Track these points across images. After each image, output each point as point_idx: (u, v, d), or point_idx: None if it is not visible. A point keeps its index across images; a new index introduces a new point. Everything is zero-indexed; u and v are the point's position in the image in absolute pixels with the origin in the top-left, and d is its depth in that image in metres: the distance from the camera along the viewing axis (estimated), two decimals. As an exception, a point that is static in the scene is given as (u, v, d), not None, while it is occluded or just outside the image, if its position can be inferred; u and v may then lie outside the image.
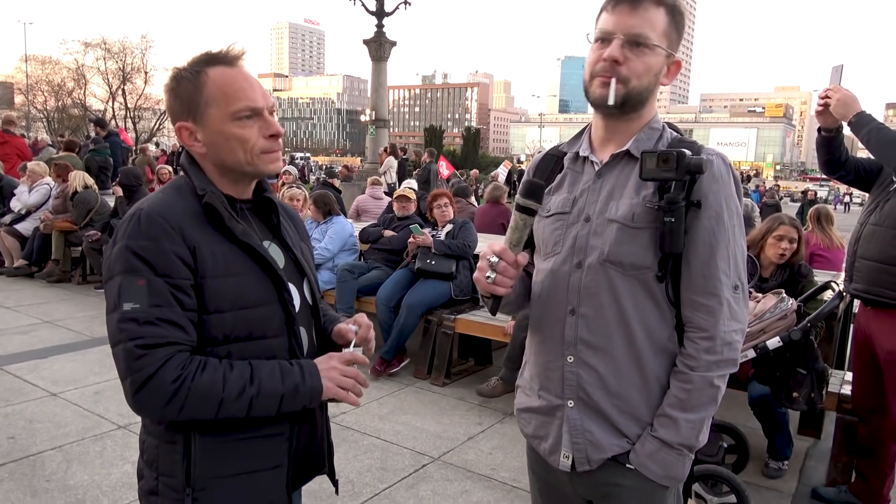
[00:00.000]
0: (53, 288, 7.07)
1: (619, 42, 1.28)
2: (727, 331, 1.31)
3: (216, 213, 1.27)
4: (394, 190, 8.73)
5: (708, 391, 1.32)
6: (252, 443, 1.30)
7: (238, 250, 1.28)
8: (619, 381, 1.35)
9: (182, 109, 1.29)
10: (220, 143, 1.28)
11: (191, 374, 1.18)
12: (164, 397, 1.17)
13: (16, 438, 3.41)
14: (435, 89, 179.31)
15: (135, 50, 33.04)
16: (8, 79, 40.18)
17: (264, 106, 1.30)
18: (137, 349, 1.16)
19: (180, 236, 1.21)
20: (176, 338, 1.19)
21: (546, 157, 1.51)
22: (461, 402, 4.26)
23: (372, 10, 13.91)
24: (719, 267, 1.30)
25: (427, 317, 4.75)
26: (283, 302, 1.33)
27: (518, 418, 1.56)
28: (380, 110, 14.90)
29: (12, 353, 4.77)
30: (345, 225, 5.64)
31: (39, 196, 7.84)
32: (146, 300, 1.17)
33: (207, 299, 1.23)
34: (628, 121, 1.37)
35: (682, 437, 1.32)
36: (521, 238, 1.30)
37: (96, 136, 12.04)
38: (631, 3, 1.29)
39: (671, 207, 1.25)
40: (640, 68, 1.29)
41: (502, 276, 1.31)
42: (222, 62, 1.29)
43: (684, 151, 1.25)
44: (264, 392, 1.24)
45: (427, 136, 69.56)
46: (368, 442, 3.57)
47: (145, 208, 1.23)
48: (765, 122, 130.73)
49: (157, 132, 33.86)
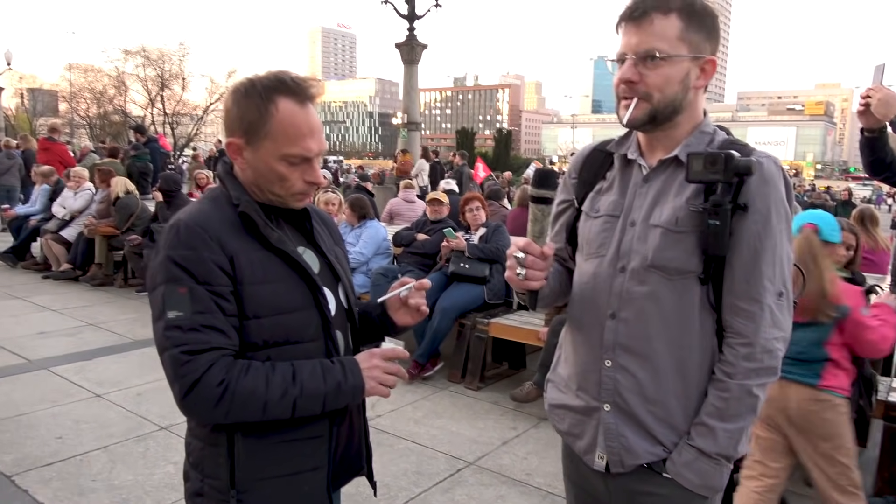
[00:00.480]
0: (97, 291, 7.27)
1: (632, 62, 1.29)
2: (768, 338, 1.29)
3: (252, 221, 1.30)
4: (426, 193, 8.77)
5: (746, 400, 1.29)
6: (293, 445, 1.33)
7: (274, 257, 1.31)
8: (658, 388, 1.33)
9: (239, 127, 1.31)
10: (263, 171, 1.32)
11: (235, 378, 1.21)
12: (210, 401, 1.20)
13: (63, 438, 3.52)
14: (466, 91, 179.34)
15: (173, 57, 33.80)
16: (53, 87, 41.47)
17: (316, 153, 1.33)
18: (183, 355, 1.19)
19: (218, 245, 1.25)
20: (219, 343, 1.22)
21: (594, 153, 1.50)
22: (495, 406, 4.25)
23: (403, 13, 14.00)
24: (764, 272, 1.28)
25: (461, 320, 4.75)
26: (319, 307, 1.36)
27: (550, 413, 1.56)
28: (412, 113, 14.97)
29: (60, 355, 4.92)
30: (378, 229, 5.68)
31: (83, 201, 8.08)
32: (189, 307, 1.21)
33: (246, 306, 1.27)
34: (668, 129, 1.35)
35: (719, 447, 1.30)
36: (542, 229, 1.32)
37: (136, 143, 12.35)
38: (635, 20, 1.29)
39: (716, 210, 1.24)
40: (658, 81, 1.28)
41: (532, 270, 1.32)
42: (295, 96, 1.30)
43: (732, 153, 1.23)
44: (307, 392, 1.26)
45: (458, 139, 69.56)
46: (404, 446, 3.59)
47: (184, 219, 1.27)
48: (804, 121, 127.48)
49: (195, 137, 34.55)
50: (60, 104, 41.12)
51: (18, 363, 4.72)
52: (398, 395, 4.30)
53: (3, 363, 4.71)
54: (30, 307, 6.38)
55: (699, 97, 1.36)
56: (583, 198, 1.48)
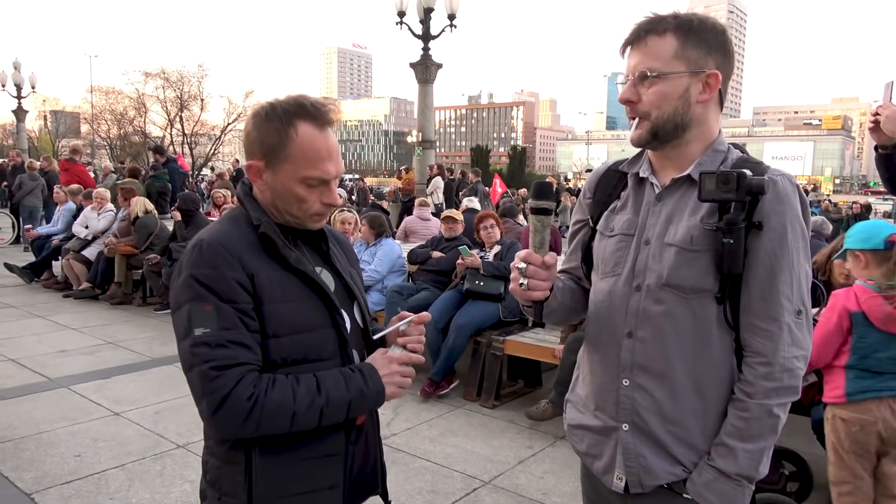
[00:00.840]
0: (116, 310, 7.35)
1: (630, 83, 1.33)
2: (787, 357, 1.27)
3: (271, 242, 1.33)
4: (441, 211, 8.80)
5: (767, 420, 1.28)
6: (311, 463, 1.34)
7: (292, 277, 1.34)
8: (676, 408, 1.32)
9: (259, 149, 1.34)
10: (282, 193, 1.35)
11: (263, 391, 1.23)
12: (240, 415, 1.22)
13: (82, 456, 3.55)
14: (481, 109, 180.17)
15: (192, 79, 34.43)
16: (76, 109, 42.35)
17: (334, 176, 1.36)
18: (212, 371, 1.21)
19: (239, 264, 1.27)
20: (246, 358, 1.24)
21: (608, 173, 1.52)
22: (511, 424, 4.23)
23: (418, 33, 14.14)
24: (781, 290, 1.27)
25: (476, 338, 4.74)
26: (337, 326, 1.38)
27: (569, 434, 1.55)
28: (426, 131, 15.07)
29: (79, 374, 4.97)
30: (393, 246, 5.70)
31: (106, 221, 8.22)
32: (215, 324, 1.23)
33: (267, 325, 1.29)
34: (676, 147, 1.36)
35: (739, 468, 1.28)
36: (543, 240, 1.34)
37: (155, 163, 12.57)
38: (631, 45, 1.34)
39: (730, 228, 1.24)
40: (653, 99, 1.31)
41: (535, 280, 1.34)
42: (315, 120, 1.33)
43: (745, 172, 1.23)
44: (333, 401, 1.28)
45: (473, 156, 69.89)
46: (419, 464, 3.58)
47: (206, 239, 1.30)
48: (822, 135, 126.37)
49: (213, 157, 35.03)
50: (82, 125, 41.97)
51: (39, 381, 4.77)
52: (413, 414, 4.29)
53: (25, 381, 4.77)
54: (51, 326, 6.47)
55: (709, 112, 1.35)
56: (597, 217, 1.49)
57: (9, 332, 6.11)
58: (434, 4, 13.76)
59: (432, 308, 4.90)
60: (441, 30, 14.14)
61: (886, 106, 2.53)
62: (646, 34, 1.31)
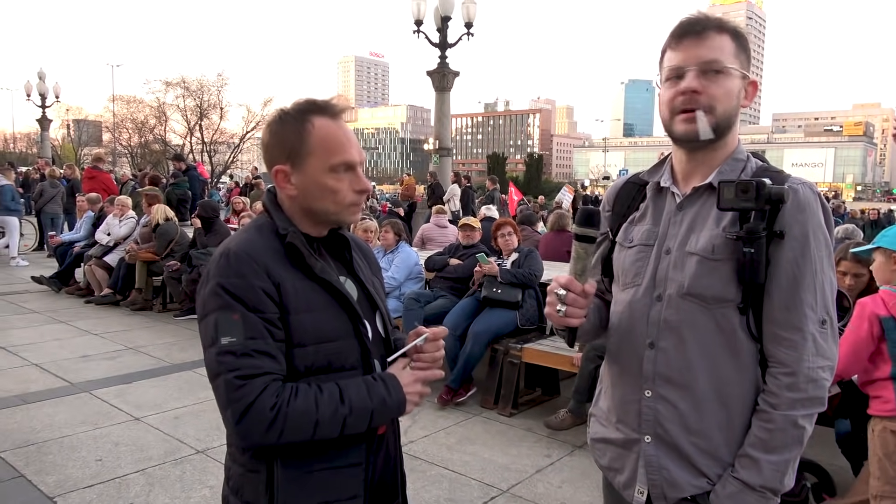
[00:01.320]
0: (136, 315, 7.44)
1: (694, 72, 1.28)
2: (812, 367, 1.25)
3: (297, 251, 1.33)
4: (458, 218, 8.81)
5: (791, 432, 1.26)
6: (331, 472, 1.34)
7: (317, 286, 1.34)
8: (700, 419, 1.31)
9: (282, 153, 1.36)
10: (314, 190, 1.35)
11: (286, 401, 1.24)
12: (264, 424, 1.22)
13: (103, 461, 3.59)
14: (497, 116, 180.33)
15: (211, 87, 34.79)
16: (98, 118, 43.02)
17: (359, 161, 1.37)
18: (237, 380, 1.22)
19: (266, 273, 1.28)
20: (271, 368, 1.25)
21: (627, 186, 1.51)
22: (529, 433, 4.21)
23: (435, 41, 14.21)
24: (804, 300, 1.25)
25: (493, 346, 4.73)
26: (360, 335, 1.38)
27: (592, 448, 1.54)
28: (443, 139, 15.11)
29: (100, 378, 5.04)
30: (410, 253, 5.72)
31: (127, 228, 8.34)
32: (242, 333, 1.24)
33: (292, 334, 1.30)
34: (714, 150, 1.35)
35: (764, 480, 1.27)
36: (584, 267, 1.31)
37: (176, 171, 12.72)
38: (697, 33, 1.29)
39: (751, 237, 1.22)
40: (720, 93, 1.28)
41: (573, 308, 1.31)
42: (327, 114, 1.36)
43: (764, 181, 1.22)
44: (356, 410, 1.29)
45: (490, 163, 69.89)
46: (436, 472, 3.57)
47: (232, 247, 1.31)
48: (843, 142, 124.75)
49: (232, 165, 35.37)
50: (104, 134, 42.60)
51: (62, 386, 4.84)
52: (430, 421, 4.28)
53: (48, 386, 4.84)
54: (73, 331, 6.56)
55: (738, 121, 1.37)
56: (617, 229, 1.48)
57: (32, 338, 6.21)
58: (451, 13, 13.82)
59: (449, 315, 4.90)
60: (458, 38, 14.19)
61: None
62: (706, 28, 1.29)
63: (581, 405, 4.20)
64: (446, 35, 14.11)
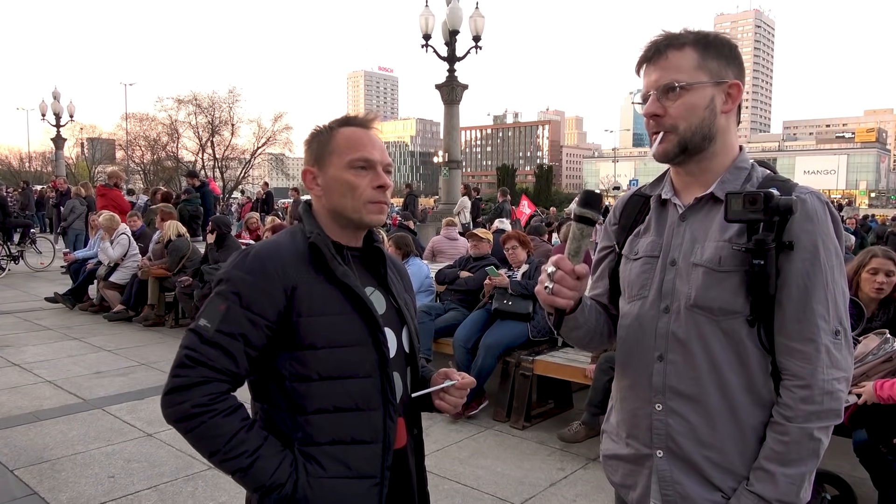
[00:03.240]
0: (149, 331, 7.47)
1: (654, 96, 1.31)
2: (827, 379, 1.23)
3: (320, 253, 1.36)
4: (468, 230, 8.80)
5: (808, 444, 1.23)
6: (347, 484, 1.34)
7: (337, 291, 1.36)
8: (713, 432, 1.29)
9: (311, 157, 1.45)
10: (334, 187, 1.41)
11: (213, 412, 1.27)
12: (179, 413, 1.28)
13: (115, 478, 3.59)
14: (506, 128, 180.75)
15: (223, 104, 35.21)
16: (111, 136, 43.54)
17: (379, 161, 1.42)
18: (186, 359, 1.29)
19: (281, 275, 1.32)
20: (222, 365, 1.29)
21: (632, 199, 1.51)
22: (542, 446, 4.17)
23: (443, 55, 14.30)
24: (816, 311, 1.23)
25: (505, 358, 4.71)
26: (378, 344, 1.38)
27: (605, 465, 1.52)
28: (452, 152, 15.17)
29: (113, 395, 5.05)
30: (421, 266, 5.72)
31: (121, 248, 8.23)
32: (216, 323, 1.29)
33: (303, 335, 1.32)
34: (702, 161, 1.34)
35: (780, 494, 1.24)
36: (579, 248, 1.32)
37: (188, 187, 12.83)
38: (650, 60, 1.33)
39: (760, 249, 1.21)
40: (681, 111, 1.29)
41: (560, 286, 1.31)
42: (356, 124, 1.44)
43: (772, 192, 1.21)
44: (252, 473, 1.28)
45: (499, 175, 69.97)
46: (449, 486, 3.54)
47: (256, 247, 1.38)
48: (855, 148, 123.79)
49: (243, 180, 35.66)
50: (117, 152, 43.10)
51: (75, 402, 4.86)
52: (442, 435, 4.26)
53: (62, 402, 4.86)
54: (86, 347, 6.60)
55: (731, 124, 1.35)
56: (623, 243, 1.48)
57: (46, 354, 6.25)
58: (459, 27, 13.91)
59: (460, 328, 4.89)
60: (466, 51, 14.28)
61: None
62: (665, 49, 1.31)
63: (594, 417, 4.16)
64: (454, 49, 14.20)
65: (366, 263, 1.48)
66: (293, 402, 1.33)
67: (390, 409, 1.39)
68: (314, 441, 1.33)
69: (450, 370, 1.52)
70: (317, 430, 1.33)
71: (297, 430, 1.33)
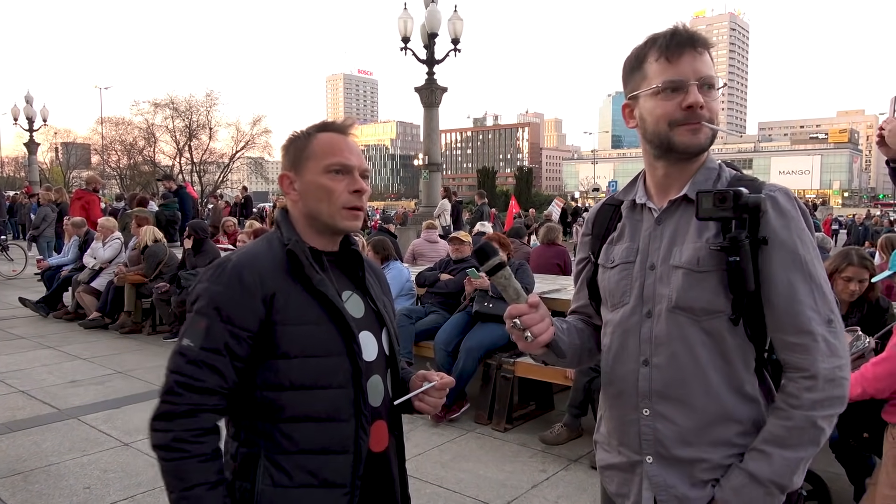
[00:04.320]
0: (125, 339, 7.36)
1: (696, 86, 1.28)
2: (829, 367, 1.23)
3: (297, 261, 1.36)
4: (449, 233, 8.80)
5: (810, 431, 1.23)
6: (314, 493, 1.33)
7: (313, 300, 1.35)
8: (700, 433, 1.29)
9: (289, 163, 1.45)
10: (311, 191, 1.41)
11: (189, 454, 1.27)
12: (161, 440, 1.29)
13: (91, 489, 3.53)
14: (486, 131, 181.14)
15: (200, 107, 34.80)
16: (86, 140, 42.88)
17: (356, 166, 1.42)
18: (176, 385, 1.29)
19: (259, 285, 1.31)
20: (212, 383, 1.29)
21: (603, 209, 1.52)
22: (524, 448, 4.17)
23: (422, 58, 14.29)
24: (805, 303, 1.24)
25: (486, 360, 4.71)
26: (352, 354, 1.37)
27: (601, 476, 1.51)
28: (432, 154, 15.17)
29: (89, 404, 4.97)
30: (401, 270, 5.70)
31: (112, 251, 8.24)
32: (200, 342, 1.29)
33: (278, 343, 1.31)
34: (692, 163, 1.35)
35: (774, 473, 1.23)
36: (516, 290, 1.34)
37: (165, 192, 12.65)
38: (696, 49, 1.30)
39: (734, 246, 1.22)
40: (715, 109, 1.31)
41: (535, 327, 1.32)
42: (334, 129, 1.44)
43: (741, 190, 1.23)
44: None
45: (480, 178, 70.06)
46: (431, 490, 3.53)
47: (233, 258, 1.36)
48: (829, 149, 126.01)
49: (221, 185, 35.32)
50: (93, 156, 42.45)
51: (49, 412, 4.77)
52: (424, 438, 4.24)
53: (35, 413, 4.76)
54: (61, 356, 6.48)
55: None
56: (598, 252, 1.49)
57: (20, 364, 6.12)
58: (438, 29, 13.92)
59: (441, 331, 4.88)
60: (445, 54, 14.29)
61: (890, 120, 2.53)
62: (701, 45, 1.30)
63: (575, 419, 4.18)
64: (433, 51, 14.20)
65: (343, 267, 1.47)
66: (263, 409, 1.33)
67: (363, 419, 1.37)
68: (283, 449, 1.32)
69: (428, 372, 1.51)
70: (285, 439, 1.32)
71: (265, 437, 1.33)
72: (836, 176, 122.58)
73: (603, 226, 1.49)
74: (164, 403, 1.29)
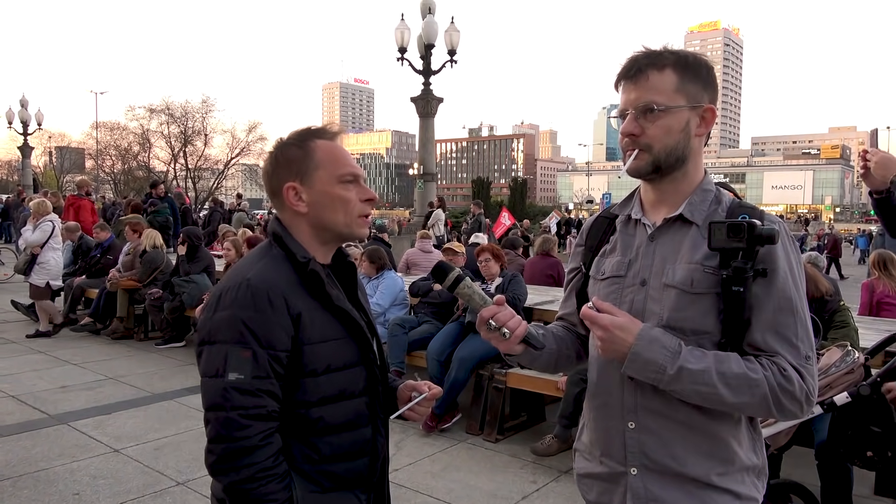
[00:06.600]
0: (117, 344, 7.33)
1: (632, 115, 1.33)
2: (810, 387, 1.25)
3: (317, 280, 1.36)
4: (443, 243, 8.82)
5: (755, 390, 1.21)
6: (339, 497, 1.39)
7: (332, 317, 1.37)
8: (686, 446, 1.31)
9: (289, 172, 1.40)
10: (325, 202, 1.39)
11: (273, 477, 1.26)
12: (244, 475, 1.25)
13: (80, 495, 3.51)
14: (481, 142, 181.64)
15: (196, 114, 34.74)
16: (80, 145, 42.72)
17: (361, 174, 1.44)
18: (242, 419, 1.25)
19: (285, 306, 1.30)
20: (271, 407, 1.28)
21: (598, 220, 1.55)
22: (514, 458, 4.18)
23: (419, 68, 14.37)
24: (789, 326, 1.27)
25: (478, 371, 4.72)
26: (369, 363, 1.42)
27: (578, 484, 1.53)
28: (427, 164, 15.22)
29: (79, 410, 4.94)
30: (395, 279, 5.71)
31: (41, 233, 7.73)
32: (250, 372, 1.26)
33: (305, 363, 1.32)
34: (674, 181, 1.37)
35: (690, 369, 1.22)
36: (482, 297, 1.41)
37: (153, 198, 12.52)
38: (632, 78, 1.34)
39: (739, 277, 1.23)
40: (658, 132, 1.32)
41: (509, 322, 1.37)
42: (325, 136, 1.43)
43: (755, 222, 1.23)
44: None
45: (474, 188, 70.14)
46: (421, 500, 3.53)
47: (252, 279, 1.31)
48: (821, 164, 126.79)
49: (216, 191, 35.22)
50: (87, 161, 42.29)
51: (39, 418, 4.74)
52: (415, 448, 4.24)
53: (25, 418, 4.73)
54: (52, 361, 6.45)
55: (701, 147, 1.39)
56: (589, 263, 1.51)
57: (10, 368, 6.09)
58: (434, 40, 14.02)
59: (434, 341, 4.89)
60: (441, 65, 14.38)
61: (874, 152, 2.58)
62: (646, 68, 1.32)
63: (566, 430, 4.19)
64: (430, 62, 14.29)
65: (341, 278, 1.49)
66: (293, 425, 1.34)
67: (379, 423, 1.44)
68: (311, 459, 1.36)
69: (417, 383, 1.54)
70: (313, 450, 1.35)
71: (293, 449, 1.35)
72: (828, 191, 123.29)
73: (597, 238, 1.51)
74: (233, 442, 1.24)
